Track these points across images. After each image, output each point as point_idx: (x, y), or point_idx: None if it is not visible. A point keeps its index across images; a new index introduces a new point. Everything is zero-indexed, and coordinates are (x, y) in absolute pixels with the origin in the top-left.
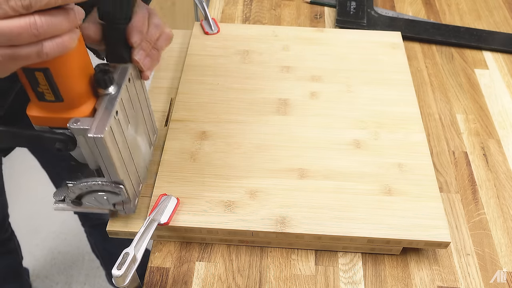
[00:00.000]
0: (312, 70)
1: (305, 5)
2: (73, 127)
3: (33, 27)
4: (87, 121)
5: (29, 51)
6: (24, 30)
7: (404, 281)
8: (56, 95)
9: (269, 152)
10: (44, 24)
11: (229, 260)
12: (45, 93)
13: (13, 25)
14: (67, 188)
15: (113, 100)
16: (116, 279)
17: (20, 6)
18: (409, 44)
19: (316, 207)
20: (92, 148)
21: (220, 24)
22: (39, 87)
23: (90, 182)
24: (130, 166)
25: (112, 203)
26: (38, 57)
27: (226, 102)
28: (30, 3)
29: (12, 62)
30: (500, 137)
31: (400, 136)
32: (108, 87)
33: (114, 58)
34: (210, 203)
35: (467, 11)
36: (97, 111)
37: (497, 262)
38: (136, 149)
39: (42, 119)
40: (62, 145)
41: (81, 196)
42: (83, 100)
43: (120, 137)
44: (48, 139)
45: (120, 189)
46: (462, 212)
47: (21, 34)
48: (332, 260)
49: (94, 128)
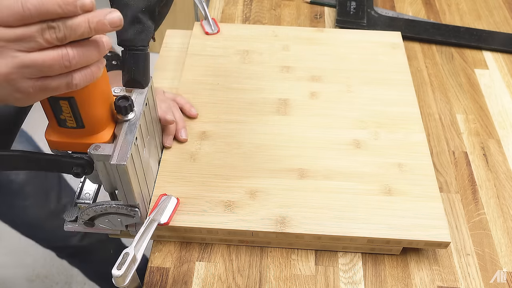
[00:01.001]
0: (312, 70)
1: (305, 5)
2: (94, 153)
3: (65, 59)
4: (108, 148)
5: (59, 83)
6: (56, 62)
7: (404, 281)
8: (78, 122)
9: (269, 152)
10: (76, 56)
11: (229, 260)
12: (67, 120)
13: (46, 57)
14: (78, 209)
15: (132, 126)
16: (116, 279)
17: (55, 38)
18: (409, 44)
19: (316, 207)
20: (112, 174)
21: (220, 24)
22: (62, 115)
23: (105, 205)
24: (144, 188)
25: (125, 225)
26: (68, 88)
27: (226, 102)
28: (65, 35)
29: (42, 93)
30: (500, 137)
31: (400, 136)
32: (128, 113)
33: (131, 83)
34: (210, 203)
35: (467, 11)
36: (117, 138)
37: (497, 262)
38: (149, 171)
39: (61, 144)
40: (80, 169)
41: (94, 218)
42: (103, 126)
43: (138, 162)
44: (66, 164)
45: (135, 212)
46: (462, 212)
47: (53, 66)
48: (332, 260)
49: (117, 156)
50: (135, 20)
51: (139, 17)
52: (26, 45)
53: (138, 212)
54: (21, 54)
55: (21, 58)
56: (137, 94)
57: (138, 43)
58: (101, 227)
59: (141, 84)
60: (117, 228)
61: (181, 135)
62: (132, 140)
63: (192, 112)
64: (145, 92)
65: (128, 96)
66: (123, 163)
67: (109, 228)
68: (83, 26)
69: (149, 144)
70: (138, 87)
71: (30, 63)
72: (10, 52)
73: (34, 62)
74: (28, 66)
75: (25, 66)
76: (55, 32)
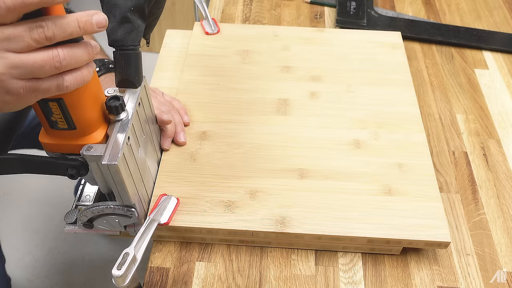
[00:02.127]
0: (312, 70)
1: (305, 5)
2: (86, 154)
3: (56, 60)
4: (100, 148)
5: (50, 85)
6: (46, 62)
7: (404, 281)
8: (69, 123)
9: (269, 152)
10: (66, 57)
11: (229, 260)
12: (58, 122)
13: (36, 58)
14: (78, 211)
15: (124, 126)
16: (116, 279)
17: (44, 38)
18: (409, 44)
19: (316, 207)
20: (105, 174)
21: (220, 24)
22: (52, 116)
23: (102, 206)
24: (141, 188)
25: (124, 225)
26: (58, 90)
27: (226, 102)
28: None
29: (32, 95)
30: (500, 137)
31: (400, 136)
32: (119, 113)
33: (123, 83)
34: (210, 203)
35: (467, 11)
36: (109, 138)
37: (497, 262)
38: (146, 171)
39: (54, 146)
40: (74, 171)
41: (92, 219)
42: (95, 126)
43: (131, 162)
44: (61, 166)
45: (132, 212)
46: (462, 212)
47: (44, 67)
48: (332, 260)
49: (108, 155)
50: (124, 19)
51: (128, 17)
52: (15, 46)
53: (135, 212)
54: (11, 54)
55: (11, 59)
56: (130, 94)
57: (128, 43)
58: (100, 228)
59: (133, 84)
60: (116, 229)
61: (179, 138)
62: (123, 140)
63: (185, 119)
64: (138, 92)
65: (119, 96)
66: (114, 162)
67: (108, 229)
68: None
69: (145, 144)
70: (131, 87)
71: (20, 63)
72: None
73: (24, 63)
74: (18, 67)
75: (15, 67)
76: (44, 31)
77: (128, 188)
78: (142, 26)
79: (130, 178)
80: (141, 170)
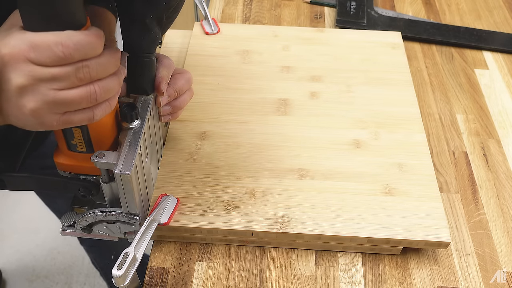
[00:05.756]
0: (312, 70)
1: (305, 5)
2: (97, 161)
3: (93, 97)
4: (112, 156)
5: (82, 118)
6: (84, 99)
7: (404, 281)
8: (88, 147)
9: (269, 152)
10: (102, 92)
11: (229, 260)
12: (78, 145)
13: (75, 95)
14: (75, 214)
15: (136, 134)
16: (116, 279)
17: (89, 78)
18: (409, 44)
19: (316, 207)
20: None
21: (220, 24)
22: (73, 140)
23: (105, 212)
24: (144, 195)
25: (124, 232)
26: (89, 121)
27: (226, 102)
28: (97, 74)
29: (64, 126)
30: (500, 137)
31: (400, 136)
32: (133, 121)
33: (136, 89)
34: (210, 203)
35: (467, 11)
36: (121, 146)
37: (497, 262)
38: (149, 177)
39: (69, 166)
40: (86, 191)
41: (92, 224)
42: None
43: (140, 170)
44: (73, 185)
45: (135, 220)
46: (462, 212)
47: (81, 104)
48: (332, 260)
49: (121, 165)
50: (143, 27)
51: (146, 24)
52: (59, 84)
53: (138, 220)
54: (53, 92)
55: (51, 96)
56: (142, 101)
57: (144, 50)
58: (99, 234)
59: (146, 91)
60: (115, 235)
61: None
62: (136, 150)
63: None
64: (149, 100)
65: (134, 104)
66: (128, 172)
67: (107, 234)
68: (113, 63)
69: (151, 151)
70: (143, 93)
71: (59, 100)
72: (42, 90)
73: (64, 100)
74: (56, 103)
75: (54, 103)
76: (89, 71)
77: (136, 198)
78: (159, 33)
79: (138, 188)
80: (146, 177)
